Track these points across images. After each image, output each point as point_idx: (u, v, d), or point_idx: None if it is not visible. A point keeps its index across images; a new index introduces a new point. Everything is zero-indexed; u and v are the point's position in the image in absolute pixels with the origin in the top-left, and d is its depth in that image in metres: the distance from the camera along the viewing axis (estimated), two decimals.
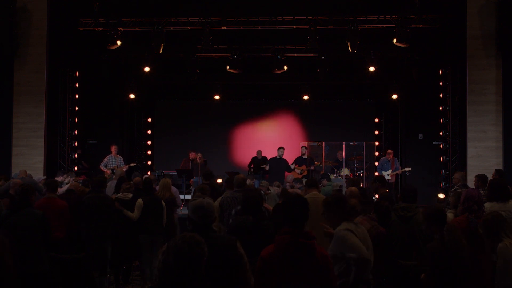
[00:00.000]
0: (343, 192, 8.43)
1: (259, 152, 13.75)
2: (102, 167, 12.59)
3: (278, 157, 13.24)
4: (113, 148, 12.76)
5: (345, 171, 13.64)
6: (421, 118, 14.78)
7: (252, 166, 13.63)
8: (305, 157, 13.72)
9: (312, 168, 13.43)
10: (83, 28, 12.83)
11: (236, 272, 3.49)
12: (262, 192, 7.45)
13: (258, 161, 13.61)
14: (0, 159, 11.54)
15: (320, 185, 9.54)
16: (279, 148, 13.40)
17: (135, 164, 13.78)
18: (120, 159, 12.83)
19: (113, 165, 12.46)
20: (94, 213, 6.95)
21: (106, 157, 12.72)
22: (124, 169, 12.23)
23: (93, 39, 13.17)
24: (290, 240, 3.44)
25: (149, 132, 16.54)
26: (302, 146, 14.11)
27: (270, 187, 8.87)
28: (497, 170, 8.88)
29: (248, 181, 9.91)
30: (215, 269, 3.29)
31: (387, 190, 7.00)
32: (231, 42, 13.40)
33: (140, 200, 7.35)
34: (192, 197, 7.54)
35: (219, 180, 10.36)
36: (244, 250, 3.60)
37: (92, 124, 15.03)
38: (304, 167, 13.52)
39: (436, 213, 4.39)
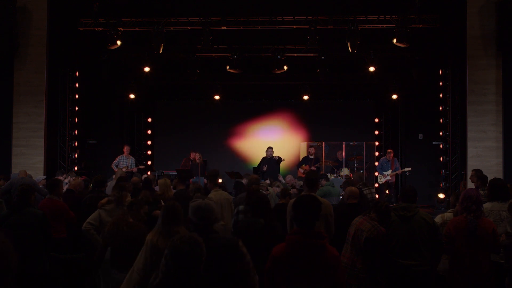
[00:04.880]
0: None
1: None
2: (113, 167, 12.69)
3: (268, 157, 13.26)
4: (126, 149, 12.93)
5: (345, 171, 13.65)
6: (421, 118, 14.79)
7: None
8: (311, 157, 13.76)
9: (313, 168, 13.45)
10: (83, 28, 12.84)
11: (239, 272, 3.49)
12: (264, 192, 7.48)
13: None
14: (0, 159, 11.54)
15: (319, 185, 9.58)
16: (268, 148, 13.46)
17: (143, 166, 13.84)
18: (132, 159, 12.93)
19: (124, 165, 12.52)
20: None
21: (118, 157, 12.83)
22: (134, 171, 12.30)
23: (93, 39, 13.18)
24: (301, 240, 3.45)
25: (149, 132, 16.54)
26: (310, 146, 14.13)
27: (269, 187, 8.89)
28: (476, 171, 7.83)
29: (244, 181, 9.97)
30: (217, 270, 3.29)
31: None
32: (231, 42, 13.40)
33: None
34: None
35: (220, 180, 10.36)
36: (255, 253, 3.59)
37: (92, 124, 15.04)
38: (307, 167, 13.56)
39: None
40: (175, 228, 4.27)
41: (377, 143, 15.77)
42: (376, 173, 13.99)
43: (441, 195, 12.47)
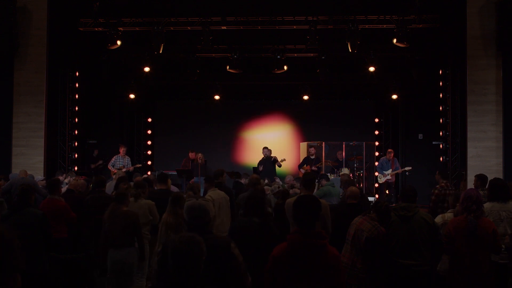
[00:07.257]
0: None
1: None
2: (110, 167, 12.74)
3: (264, 157, 13.30)
4: (122, 149, 12.93)
5: (345, 171, 13.64)
6: (421, 118, 14.79)
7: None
8: (312, 157, 13.80)
9: (314, 168, 13.46)
10: (83, 28, 12.83)
11: (231, 273, 3.48)
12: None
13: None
14: (0, 159, 11.54)
15: (319, 185, 9.58)
16: (263, 148, 13.46)
17: (140, 165, 13.85)
18: (127, 159, 12.96)
19: (120, 165, 12.56)
20: (94, 213, 6.96)
21: (114, 157, 12.84)
22: (130, 170, 12.32)
23: (93, 39, 13.18)
24: (301, 240, 3.45)
25: (149, 132, 16.55)
26: (311, 147, 14.15)
27: (269, 187, 8.88)
28: (478, 176, 7.54)
29: (243, 181, 9.97)
30: (210, 270, 3.29)
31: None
32: (231, 42, 13.40)
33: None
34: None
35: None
36: (252, 252, 3.58)
37: (92, 124, 15.05)
38: (308, 167, 13.57)
39: None
40: (180, 210, 5.32)
41: (377, 143, 15.78)
42: (376, 173, 13.99)
43: None
